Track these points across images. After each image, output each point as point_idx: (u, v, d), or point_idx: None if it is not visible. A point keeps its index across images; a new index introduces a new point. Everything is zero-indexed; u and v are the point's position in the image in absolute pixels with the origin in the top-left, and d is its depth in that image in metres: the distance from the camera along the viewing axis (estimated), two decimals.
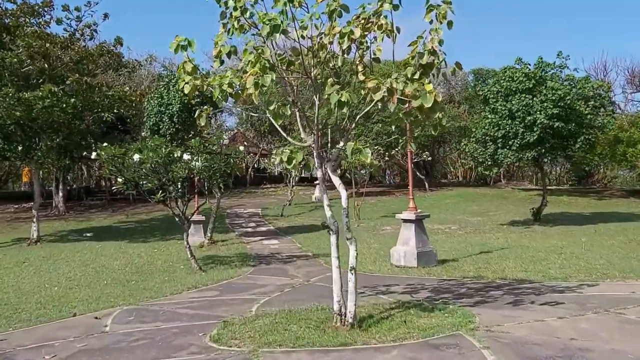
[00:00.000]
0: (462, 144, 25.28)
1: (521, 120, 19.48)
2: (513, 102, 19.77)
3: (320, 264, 13.06)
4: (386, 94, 6.04)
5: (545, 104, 19.07)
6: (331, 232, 7.20)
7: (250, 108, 34.72)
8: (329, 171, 7.21)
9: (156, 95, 17.41)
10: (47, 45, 18.67)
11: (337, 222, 7.23)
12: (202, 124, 7.37)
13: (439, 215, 23.50)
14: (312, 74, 6.65)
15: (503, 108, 20.07)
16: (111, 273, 12.57)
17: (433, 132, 7.80)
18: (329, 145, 7.47)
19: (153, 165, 11.70)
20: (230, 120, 74.75)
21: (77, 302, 9.24)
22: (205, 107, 7.47)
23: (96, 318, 8.00)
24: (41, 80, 19.19)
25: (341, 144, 7.44)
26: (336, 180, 7.13)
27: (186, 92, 6.68)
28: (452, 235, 18.48)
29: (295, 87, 7.19)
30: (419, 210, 12.88)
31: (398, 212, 13.59)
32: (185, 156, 11.82)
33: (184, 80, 6.68)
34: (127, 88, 21.19)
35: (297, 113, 7.19)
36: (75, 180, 38.77)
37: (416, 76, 6.04)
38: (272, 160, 31.28)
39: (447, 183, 39.75)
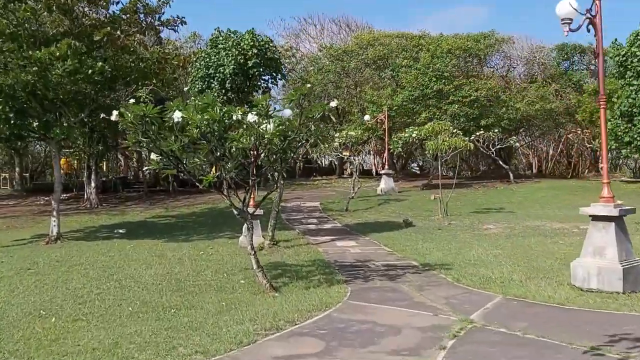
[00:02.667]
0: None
1: None
2: None
3: (448, 281, 8.82)
4: None
5: None
6: None
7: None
8: None
9: (203, 55, 13.56)
10: None
11: None
12: None
13: (553, 212, 18.97)
14: None
15: None
16: (141, 291, 8.64)
17: None
18: None
19: (204, 131, 7.70)
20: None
21: (73, 356, 5.27)
22: None
23: None
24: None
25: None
26: None
27: None
28: None
29: None
30: (619, 202, 8.41)
31: (489, 207, 9.24)
32: (251, 117, 7.73)
33: None
34: (170, 48, 17.30)
35: None
36: (111, 170, 35.54)
37: None
38: (327, 145, 27.01)
39: (524, 175, 34.77)
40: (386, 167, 26.61)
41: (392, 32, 32.62)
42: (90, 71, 14.75)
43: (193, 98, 8.43)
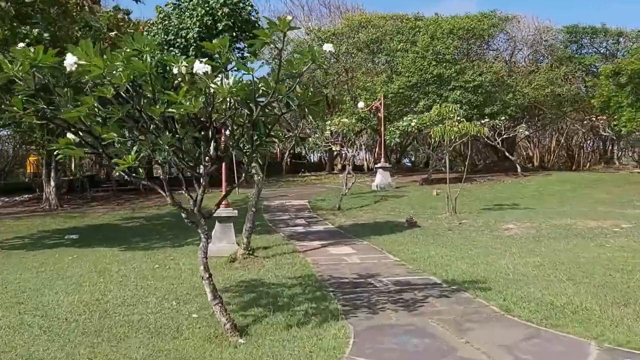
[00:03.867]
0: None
1: None
2: None
3: (495, 312, 6.10)
4: None
5: None
6: None
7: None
8: None
9: (162, 17, 10.72)
10: None
11: None
12: None
13: (577, 208, 16.37)
14: None
15: None
16: (39, 335, 5.80)
17: None
18: None
19: (128, 89, 4.93)
20: None
21: None
22: None
23: None
24: None
25: None
26: None
27: None
28: None
29: None
30: None
31: (501, 204, 7.70)
32: (199, 66, 4.93)
33: None
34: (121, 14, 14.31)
35: None
36: (80, 168, 32.47)
37: None
38: (316, 137, 24.19)
39: (527, 168, 32.21)
40: (382, 160, 23.85)
41: (386, 13, 29.82)
42: (25, 40, 11.84)
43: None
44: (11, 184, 38.95)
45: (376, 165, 24.49)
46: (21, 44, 5.51)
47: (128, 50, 5.20)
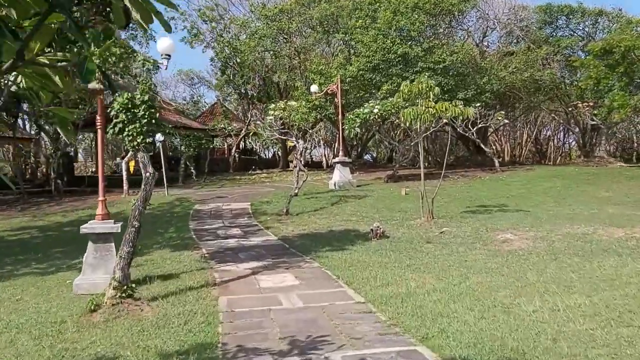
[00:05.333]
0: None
1: None
2: None
3: None
4: None
5: None
6: None
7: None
8: None
9: None
10: None
11: None
12: None
13: (581, 209, 13.12)
14: None
15: None
16: None
17: None
18: None
19: None
20: (207, 94, 62.57)
21: None
22: None
23: None
24: None
25: None
26: None
27: None
28: None
29: None
30: None
31: (485, 205, 7.33)
32: None
33: None
34: None
35: None
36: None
37: None
38: (256, 125, 20.46)
39: (500, 162, 29.17)
40: (340, 153, 20.19)
41: None
42: None
43: None
44: None
45: (334, 160, 20.82)
46: None
47: None
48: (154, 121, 7.36)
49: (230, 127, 27.16)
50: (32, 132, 28.32)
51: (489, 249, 9.60)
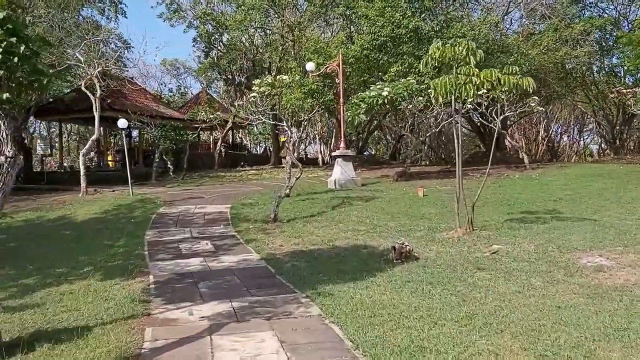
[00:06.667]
0: None
1: None
2: None
3: None
4: None
5: None
6: None
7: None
8: None
9: None
10: None
11: None
12: None
13: None
14: None
15: None
16: None
17: None
18: None
19: None
20: (194, 85, 58.39)
21: None
22: None
23: None
24: None
25: None
26: None
27: None
28: None
29: None
30: None
31: (531, 210, 9.19)
32: None
33: None
34: None
35: None
36: None
37: None
38: (238, 106, 17.08)
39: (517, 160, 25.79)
40: (341, 146, 16.74)
41: None
42: None
43: None
44: None
45: (334, 153, 17.34)
46: None
47: None
48: (17, 60, 3.99)
49: (213, 116, 23.63)
50: None
51: (580, 283, 6.24)
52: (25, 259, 9.05)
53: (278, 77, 11.84)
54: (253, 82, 12.44)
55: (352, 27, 21.35)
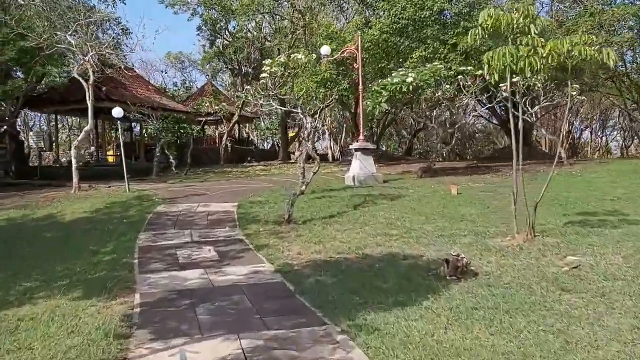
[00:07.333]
0: None
1: None
2: None
3: None
4: None
5: None
6: None
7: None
8: None
9: None
10: None
11: None
12: None
13: None
14: None
15: None
16: None
17: None
18: None
19: None
20: (200, 79, 56.44)
21: None
22: None
23: None
24: None
25: None
26: None
27: None
28: None
29: None
30: None
31: (588, 211, 7.99)
32: None
33: None
34: None
35: None
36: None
37: None
38: (246, 91, 15.49)
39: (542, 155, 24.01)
40: (361, 138, 15.04)
41: None
42: None
43: None
44: None
45: (353, 146, 15.59)
46: None
47: None
48: None
49: (218, 108, 21.99)
50: None
51: None
52: None
53: (293, 55, 10.21)
54: (264, 62, 10.71)
55: (369, 10, 19.61)
